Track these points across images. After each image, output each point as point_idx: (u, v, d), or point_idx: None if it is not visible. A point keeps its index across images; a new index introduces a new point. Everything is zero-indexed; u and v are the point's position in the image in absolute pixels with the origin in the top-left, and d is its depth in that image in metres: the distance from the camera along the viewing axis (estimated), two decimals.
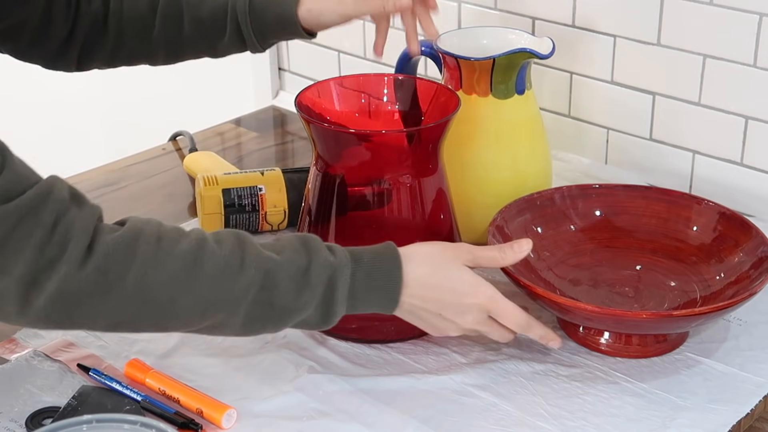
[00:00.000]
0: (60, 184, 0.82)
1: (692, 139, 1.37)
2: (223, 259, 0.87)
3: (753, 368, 1.05)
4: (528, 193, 1.19)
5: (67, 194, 0.82)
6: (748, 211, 1.31)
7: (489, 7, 1.49)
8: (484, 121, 1.19)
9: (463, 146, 1.19)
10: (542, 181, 1.24)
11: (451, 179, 1.11)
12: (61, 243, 0.80)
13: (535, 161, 1.24)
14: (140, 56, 1.14)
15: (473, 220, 1.19)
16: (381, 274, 0.92)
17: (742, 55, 1.29)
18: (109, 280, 0.82)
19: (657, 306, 1.13)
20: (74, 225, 0.81)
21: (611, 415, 0.99)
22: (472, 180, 1.21)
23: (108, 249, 0.82)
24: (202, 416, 0.98)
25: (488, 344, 1.09)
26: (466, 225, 1.17)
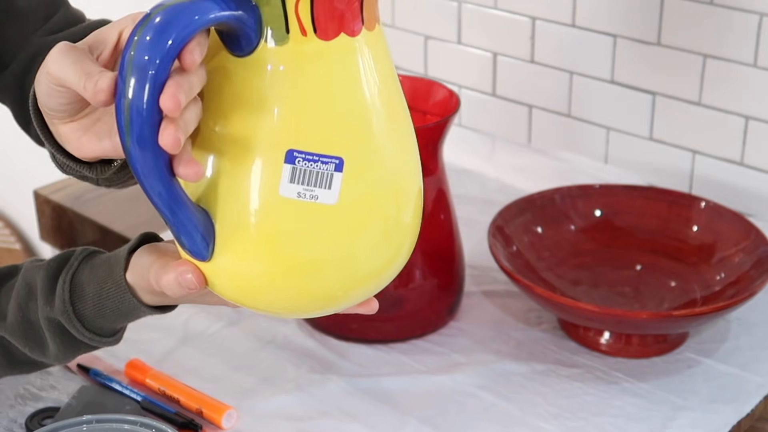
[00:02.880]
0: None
1: (692, 139, 1.37)
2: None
3: (753, 368, 1.05)
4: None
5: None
6: (748, 211, 1.31)
7: (489, 6, 1.49)
8: (390, 64, 0.73)
9: (406, 119, 0.74)
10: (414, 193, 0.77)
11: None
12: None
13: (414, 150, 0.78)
14: None
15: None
16: (109, 302, 0.81)
17: (742, 55, 1.29)
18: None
19: (657, 306, 1.13)
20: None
21: (611, 415, 0.99)
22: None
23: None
24: (202, 416, 0.98)
25: (488, 344, 1.09)
26: None
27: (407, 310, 1.09)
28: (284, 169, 0.66)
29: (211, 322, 1.12)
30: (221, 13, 0.63)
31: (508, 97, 1.53)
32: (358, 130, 0.68)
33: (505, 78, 1.52)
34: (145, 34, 0.61)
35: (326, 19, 0.65)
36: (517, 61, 1.49)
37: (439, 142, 1.07)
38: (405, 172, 0.71)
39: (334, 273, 0.70)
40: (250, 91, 0.66)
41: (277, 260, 0.69)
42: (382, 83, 0.69)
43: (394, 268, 0.74)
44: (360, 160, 0.67)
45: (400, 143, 0.71)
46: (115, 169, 0.80)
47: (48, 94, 0.71)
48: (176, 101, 0.61)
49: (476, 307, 1.15)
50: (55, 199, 1.36)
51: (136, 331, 1.10)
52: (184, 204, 0.67)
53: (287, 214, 0.67)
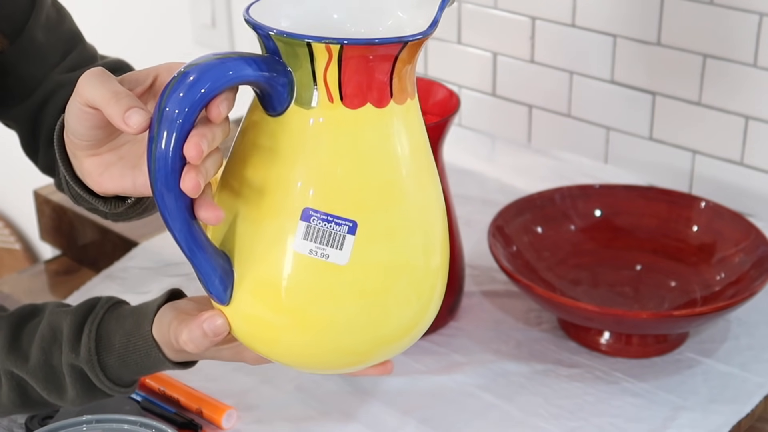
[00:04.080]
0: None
1: (692, 139, 1.37)
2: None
3: (753, 368, 1.05)
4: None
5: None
6: (748, 211, 1.31)
7: (489, 6, 1.49)
8: (423, 137, 0.75)
9: (428, 189, 0.74)
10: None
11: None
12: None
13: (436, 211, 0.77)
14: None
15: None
16: (135, 356, 0.84)
17: (742, 55, 1.29)
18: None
19: (657, 306, 1.13)
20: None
21: (611, 416, 0.99)
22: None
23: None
24: (202, 416, 0.98)
25: (488, 344, 1.09)
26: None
27: None
28: (299, 226, 0.69)
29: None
30: (249, 74, 0.67)
31: (507, 97, 1.53)
32: (376, 197, 0.70)
33: (505, 78, 1.52)
34: (177, 87, 0.66)
35: (353, 88, 0.68)
36: (517, 61, 1.49)
37: (439, 142, 1.07)
38: (425, 240, 0.73)
39: (344, 331, 0.72)
40: (278, 148, 0.69)
41: (286, 313, 0.71)
42: (406, 154, 0.71)
43: (418, 327, 0.75)
44: (375, 225, 0.70)
45: (422, 212, 0.73)
46: (128, 205, 0.84)
47: (77, 116, 0.74)
48: (199, 150, 0.66)
49: (476, 307, 1.15)
50: (55, 199, 1.36)
51: None
52: (203, 246, 0.70)
53: (299, 269, 0.70)
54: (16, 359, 0.85)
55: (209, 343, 0.77)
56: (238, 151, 0.72)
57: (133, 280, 1.21)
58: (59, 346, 0.84)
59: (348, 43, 0.67)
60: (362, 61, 0.68)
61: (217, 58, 0.67)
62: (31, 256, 2.36)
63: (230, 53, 0.68)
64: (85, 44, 1.01)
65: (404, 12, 0.73)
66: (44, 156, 0.99)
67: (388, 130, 0.70)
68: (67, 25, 0.99)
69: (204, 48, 1.90)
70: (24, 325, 0.86)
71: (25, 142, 1.00)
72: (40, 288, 1.28)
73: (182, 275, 1.20)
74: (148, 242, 1.27)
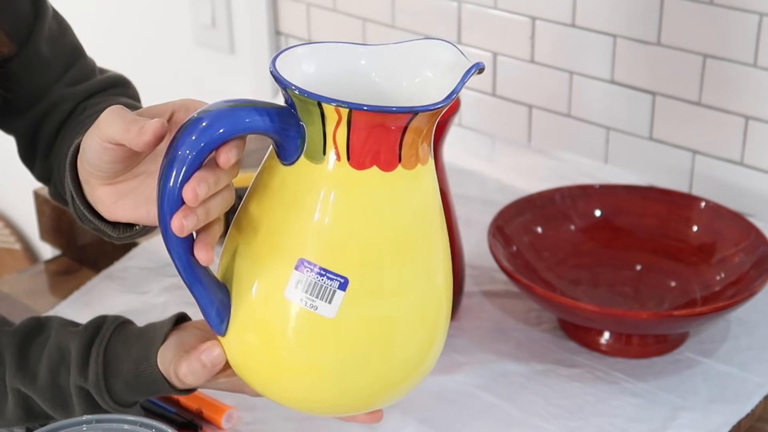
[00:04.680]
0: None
1: (692, 139, 1.37)
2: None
3: (753, 368, 1.05)
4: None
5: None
6: (748, 211, 1.31)
7: (489, 6, 1.49)
8: (436, 202, 0.76)
9: (428, 254, 0.75)
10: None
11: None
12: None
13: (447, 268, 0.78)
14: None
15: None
16: (142, 383, 0.85)
17: (742, 55, 1.29)
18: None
19: (657, 306, 1.13)
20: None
21: (611, 415, 0.99)
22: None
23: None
24: (202, 416, 0.98)
25: (488, 344, 1.09)
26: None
27: None
28: (293, 275, 0.70)
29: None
30: (260, 125, 0.69)
31: (507, 97, 1.53)
32: (372, 257, 0.71)
33: (505, 78, 1.52)
34: (189, 129, 0.68)
35: (360, 150, 0.69)
36: (517, 61, 1.49)
37: (439, 142, 1.07)
38: (420, 297, 0.74)
39: (330, 379, 0.73)
40: (284, 195, 0.71)
41: (274, 355, 0.73)
42: (410, 218, 0.72)
43: (410, 376, 0.76)
44: (366, 283, 0.71)
45: (424, 276, 0.74)
46: (133, 233, 0.86)
47: (97, 151, 0.76)
48: (194, 193, 0.68)
49: (476, 307, 1.15)
50: None
51: None
52: (201, 280, 0.73)
53: (287, 315, 0.71)
54: (23, 378, 0.86)
55: (208, 374, 0.79)
56: (253, 190, 0.74)
57: (133, 280, 1.21)
58: (67, 368, 0.85)
59: (357, 109, 0.67)
60: (371, 126, 0.68)
61: (229, 106, 0.69)
62: (31, 256, 2.36)
63: (243, 102, 0.69)
64: (85, 58, 1.02)
65: (433, 72, 0.73)
66: (40, 166, 1.01)
67: (392, 194, 0.71)
68: (69, 38, 1.01)
69: (204, 48, 1.90)
70: (31, 343, 0.87)
71: (23, 151, 1.02)
72: (40, 288, 1.28)
73: None
74: (148, 242, 1.28)
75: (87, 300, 1.18)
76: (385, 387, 0.76)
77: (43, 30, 0.97)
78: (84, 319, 0.90)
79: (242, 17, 1.81)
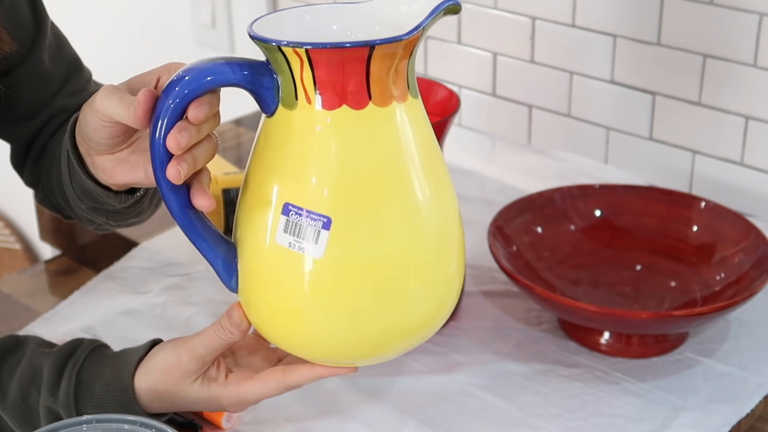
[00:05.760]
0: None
1: (692, 139, 1.37)
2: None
3: (753, 368, 1.05)
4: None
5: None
6: (748, 211, 1.31)
7: (489, 6, 1.49)
8: (419, 138, 0.75)
9: (406, 192, 0.74)
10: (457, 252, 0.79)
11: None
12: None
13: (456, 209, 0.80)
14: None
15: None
16: (113, 404, 0.87)
17: (742, 55, 1.29)
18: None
19: (657, 306, 1.13)
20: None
21: (611, 416, 0.99)
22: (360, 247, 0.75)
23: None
24: (202, 416, 0.98)
25: (488, 344, 1.09)
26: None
27: None
28: (281, 220, 0.73)
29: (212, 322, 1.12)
30: (229, 78, 0.72)
31: (508, 97, 1.53)
32: (353, 196, 0.72)
33: (505, 78, 1.52)
34: (168, 87, 0.72)
35: (328, 90, 0.71)
36: (517, 61, 1.49)
37: (439, 142, 1.07)
38: (416, 238, 0.74)
39: (332, 324, 0.75)
40: (268, 146, 0.74)
41: (274, 301, 0.76)
42: (391, 156, 0.73)
43: (412, 324, 0.77)
44: (352, 222, 0.72)
45: (415, 212, 0.74)
46: (136, 198, 0.89)
47: (95, 128, 0.80)
48: (175, 142, 0.72)
49: (476, 307, 1.15)
50: None
51: (137, 332, 1.10)
52: (200, 235, 0.76)
53: (280, 260, 0.74)
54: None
55: (234, 333, 0.81)
56: (253, 148, 0.77)
57: (133, 280, 1.21)
58: (38, 388, 0.86)
59: (312, 47, 0.69)
60: (333, 65, 0.70)
61: (205, 62, 0.72)
62: (31, 256, 2.36)
63: (222, 58, 0.72)
64: (83, 69, 1.04)
65: (409, 7, 0.73)
66: (30, 171, 1.03)
67: (366, 131, 0.72)
68: (67, 50, 1.03)
69: (204, 48, 1.90)
70: (5, 361, 0.88)
71: (15, 158, 1.04)
72: (40, 288, 1.28)
73: (182, 275, 1.20)
74: (148, 242, 1.27)
75: (87, 300, 1.18)
76: (389, 332, 0.76)
77: (44, 41, 0.99)
78: (84, 319, 0.90)
79: (242, 17, 1.82)
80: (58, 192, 1.00)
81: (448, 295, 0.78)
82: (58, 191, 1.00)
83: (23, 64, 0.98)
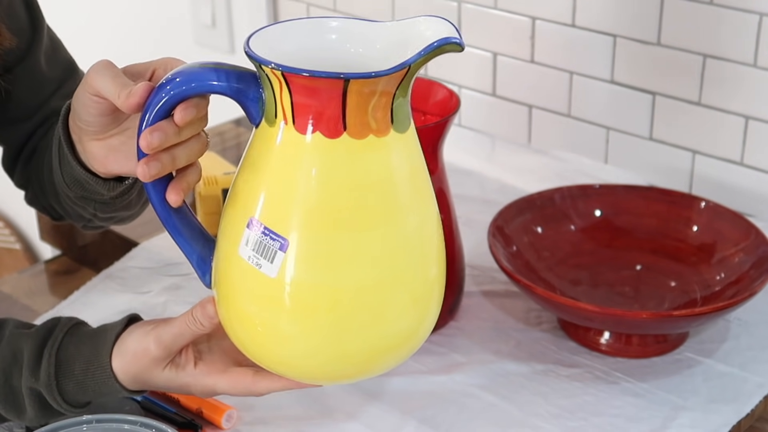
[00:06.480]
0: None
1: (692, 139, 1.37)
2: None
3: (753, 368, 1.05)
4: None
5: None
6: (748, 211, 1.31)
7: (489, 6, 1.49)
8: (392, 175, 0.74)
9: (363, 228, 0.73)
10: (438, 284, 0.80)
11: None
12: None
13: (438, 236, 0.79)
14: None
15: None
16: (92, 384, 0.87)
17: (742, 55, 1.29)
18: None
19: (657, 306, 1.13)
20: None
21: (611, 415, 0.99)
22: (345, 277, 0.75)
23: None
24: (202, 416, 0.98)
25: (488, 344, 1.09)
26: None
27: None
28: (244, 233, 0.74)
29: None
30: (213, 86, 0.72)
31: (508, 97, 1.53)
32: (312, 223, 0.72)
33: (505, 78, 1.52)
34: (158, 88, 0.73)
35: (303, 115, 0.70)
36: (517, 61, 1.49)
37: (439, 142, 1.07)
38: (370, 271, 0.73)
39: (284, 341, 0.75)
40: (252, 158, 0.74)
41: (232, 309, 0.77)
42: (360, 187, 0.72)
43: (364, 357, 0.76)
44: (304, 249, 0.72)
45: (373, 244, 0.73)
46: (125, 187, 0.89)
47: (85, 104, 0.80)
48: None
49: (476, 307, 1.15)
50: None
51: None
52: (177, 229, 0.79)
53: (239, 270, 0.75)
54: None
55: (201, 326, 0.82)
56: (243, 153, 0.77)
57: (133, 280, 1.21)
58: (20, 369, 0.86)
59: (289, 72, 0.68)
60: (309, 91, 0.69)
61: (197, 66, 0.73)
62: (31, 256, 2.36)
63: (213, 64, 0.72)
64: (78, 72, 1.04)
65: (412, 47, 0.72)
66: (20, 174, 1.04)
67: (334, 161, 0.71)
68: (63, 54, 1.03)
69: (204, 48, 1.90)
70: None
71: (7, 159, 1.05)
72: (40, 288, 1.28)
73: (182, 275, 1.20)
74: (148, 242, 1.28)
75: (87, 300, 1.18)
76: (348, 358, 0.76)
77: (41, 44, 0.99)
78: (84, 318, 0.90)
79: (242, 17, 1.81)
80: (49, 190, 1.00)
81: (419, 321, 0.78)
82: (49, 188, 1.00)
83: (21, 65, 0.98)
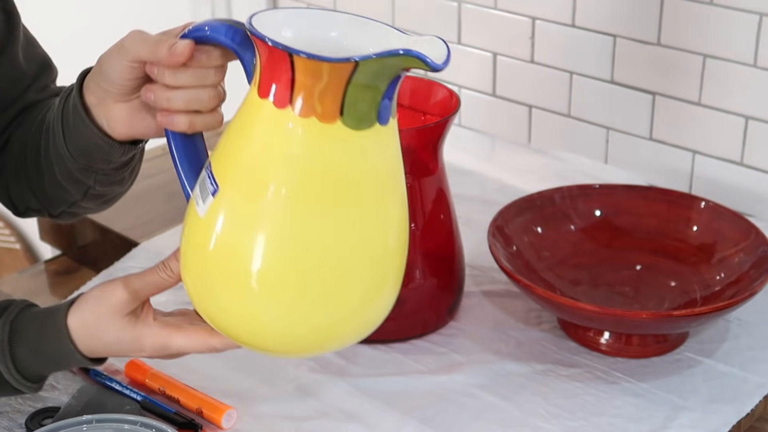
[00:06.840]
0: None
1: (692, 139, 1.37)
2: None
3: (753, 368, 1.05)
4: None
5: None
6: (748, 211, 1.31)
7: (489, 6, 1.49)
8: (325, 162, 0.76)
9: (282, 200, 0.76)
10: (398, 265, 0.82)
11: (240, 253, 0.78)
12: None
13: (394, 230, 0.80)
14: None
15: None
16: (46, 347, 0.88)
17: (742, 55, 1.29)
18: None
19: (657, 306, 1.12)
20: None
21: (611, 415, 0.99)
22: (286, 258, 0.77)
23: None
24: (202, 416, 0.98)
25: (488, 344, 1.09)
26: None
27: (407, 310, 1.09)
28: (202, 172, 0.80)
29: None
30: (220, 38, 0.80)
31: (508, 97, 1.53)
32: (244, 180, 0.76)
33: (505, 78, 1.52)
34: (185, 33, 0.81)
35: (264, 80, 0.76)
36: (517, 61, 1.49)
37: (439, 142, 1.07)
38: (305, 253, 0.76)
39: (198, 283, 0.80)
40: (235, 117, 0.79)
41: (183, 252, 0.81)
42: (292, 161, 0.75)
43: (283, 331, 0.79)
44: (231, 199, 0.77)
45: (317, 212, 0.76)
46: (139, 149, 0.93)
47: (121, 71, 0.84)
48: (148, 71, 0.82)
49: (476, 307, 1.15)
50: None
51: None
52: (177, 164, 0.85)
53: (190, 208, 0.81)
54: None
55: (176, 275, 0.85)
56: None
57: None
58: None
59: (256, 37, 0.73)
60: (270, 61, 0.74)
61: (221, 20, 0.80)
62: (31, 256, 2.36)
63: (234, 21, 0.80)
64: (53, 67, 1.06)
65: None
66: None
67: (276, 127, 0.75)
68: (38, 49, 1.05)
69: None
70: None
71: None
72: (40, 288, 1.28)
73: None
74: (148, 242, 1.27)
75: None
76: (252, 319, 0.78)
77: (19, 38, 1.01)
78: None
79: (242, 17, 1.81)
80: (32, 173, 1.00)
81: (368, 296, 0.80)
82: (32, 171, 1.00)
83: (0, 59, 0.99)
